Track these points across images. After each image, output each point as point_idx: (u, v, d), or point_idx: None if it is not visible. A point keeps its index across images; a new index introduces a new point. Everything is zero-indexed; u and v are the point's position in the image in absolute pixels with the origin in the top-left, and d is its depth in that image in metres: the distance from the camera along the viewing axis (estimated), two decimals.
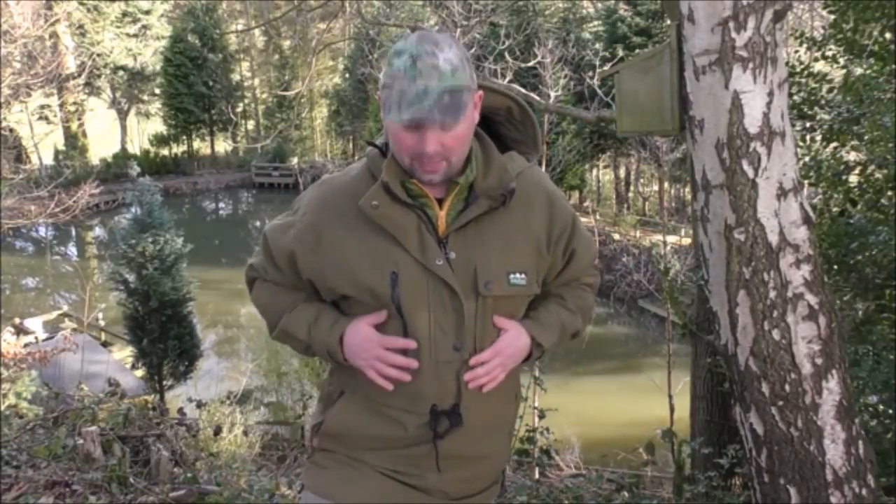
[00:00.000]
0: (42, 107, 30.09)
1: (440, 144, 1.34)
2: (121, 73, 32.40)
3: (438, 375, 1.44)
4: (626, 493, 3.29)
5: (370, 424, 1.50)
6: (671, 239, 18.58)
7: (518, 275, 1.46)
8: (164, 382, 11.38)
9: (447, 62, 1.32)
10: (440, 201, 1.45)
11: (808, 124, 3.54)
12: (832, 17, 3.67)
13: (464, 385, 1.46)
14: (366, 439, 1.51)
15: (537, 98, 8.00)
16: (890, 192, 3.01)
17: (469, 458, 1.52)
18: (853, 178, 3.17)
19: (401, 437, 1.48)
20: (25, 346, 10.08)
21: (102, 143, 34.16)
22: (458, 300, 1.42)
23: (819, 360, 1.88)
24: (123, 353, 12.84)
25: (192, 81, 32.11)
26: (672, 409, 7.04)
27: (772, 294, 1.85)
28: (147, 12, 32.76)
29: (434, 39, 1.35)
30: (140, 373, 11.60)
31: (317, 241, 1.46)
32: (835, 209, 3.17)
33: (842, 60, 3.65)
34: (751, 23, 1.74)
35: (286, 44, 36.01)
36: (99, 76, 31.94)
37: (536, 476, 4.87)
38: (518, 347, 1.49)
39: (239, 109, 36.18)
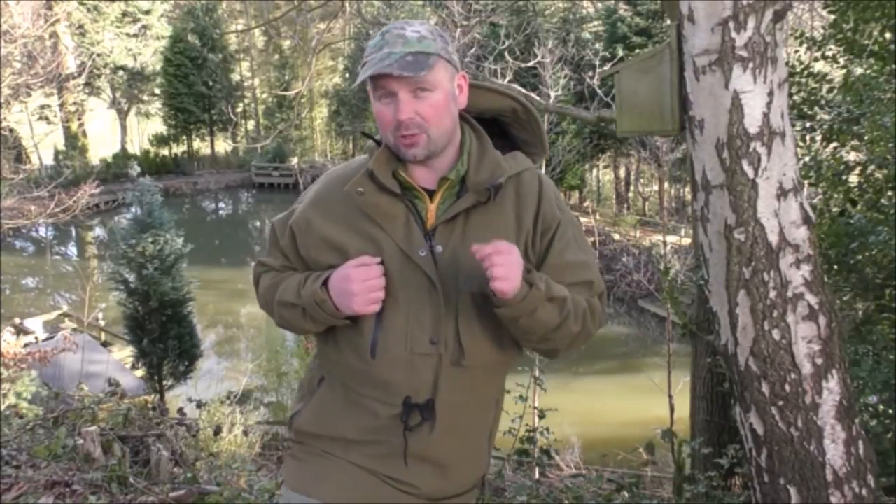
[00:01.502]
0: (42, 107, 30.06)
1: (414, 112, 1.37)
2: (121, 73, 32.38)
3: (413, 367, 1.43)
4: (626, 493, 3.29)
5: (345, 414, 1.50)
6: (671, 239, 18.58)
7: None
8: (164, 382, 11.37)
9: (415, 32, 1.39)
10: (432, 195, 1.46)
11: (808, 124, 3.54)
12: (832, 17, 3.67)
13: (441, 381, 1.44)
14: (340, 430, 1.50)
15: (537, 98, 8.01)
16: (890, 192, 3.02)
17: (439, 458, 1.49)
18: (853, 178, 3.17)
19: (372, 427, 1.47)
20: (25, 346, 10.07)
21: (102, 143, 34.16)
22: (437, 293, 1.42)
23: (819, 360, 1.88)
24: (123, 353, 12.83)
25: (192, 81, 32.10)
26: (672, 409, 7.04)
27: (772, 294, 1.85)
28: (147, 12, 32.75)
29: (407, 20, 1.45)
30: (140, 373, 11.59)
31: (309, 223, 1.49)
32: (835, 209, 3.17)
33: (842, 60, 3.65)
34: (751, 23, 1.74)
35: (286, 44, 35.98)
36: (99, 76, 31.91)
37: (536, 476, 4.87)
38: (518, 259, 1.33)
39: (239, 109, 36.17)
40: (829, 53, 3.72)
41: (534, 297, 1.36)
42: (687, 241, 18.39)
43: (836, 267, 2.99)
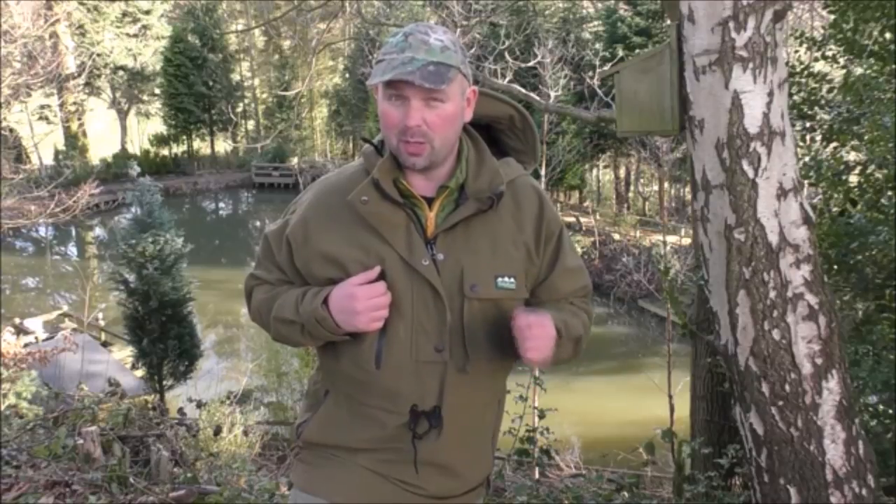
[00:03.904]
0: (42, 107, 30.06)
1: (423, 120, 1.36)
2: (121, 73, 32.39)
3: (419, 375, 1.44)
4: (626, 493, 3.29)
5: (352, 425, 1.50)
6: (671, 239, 18.60)
7: (506, 278, 1.46)
8: (164, 382, 11.35)
9: (438, 41, 1.37)
10: (431, 203, 1.45)
11: (808, 124, 3.54)
12: (832, 17, 3.68)
13: (447, 387, 1.45)
14: (348, 441, 1.51)
15: (537, 98, 8.01)
16: (890, 192, 3.01)
17: (448, 462, 1.50)
18: (853, 178, 3.17)
19: (380, 437, 1.48)
20: (25, 346, 10.06)
21: (102, 143, 34.15)
22: (442, 302, 1.42)
23: (819, 360, 1.88)
24: (123, 353, 12.82)
25: (192, 81, 32.09)
26: (672, 409, 7.05)
27: (772, 294, 1.85)
28: (147, 12, 32.75)
29: (430, 25, 1.42)
30: (140, 373, 11.58)
31: (306, 235, 1.47)
32: (835, 209, 3.17)
33: (842, 60, 3.66)
34: (751, 23, 1.74)
35: (286, 44, 36.01)
36: (99, 76, 31.92)
37: (536, 476, 4.87)
38: (551, 331, 1.40)
39: (239, 109, 36.14)
40: (829, 53, 3.72)
41: (557, 348, 1.43)
42: (687, 241, 18.39)
43: (836, 267, 2.99)
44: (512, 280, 1.46)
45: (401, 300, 1.42)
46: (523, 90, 7.99)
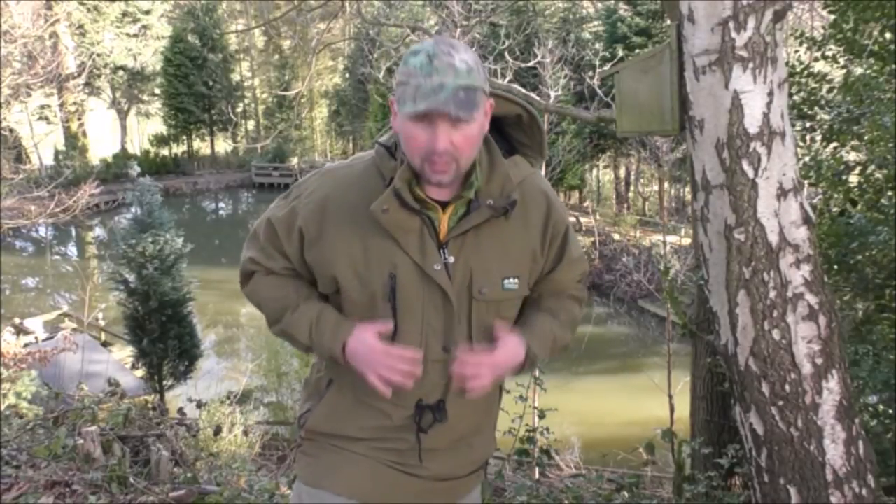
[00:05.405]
0: (42, 107, 30.09)
1: (450, 143, 1.35)
2: (121, 73, 32.41)
3: (426, 373, 1.47)
4: (626, 493, 3.29)
5: (356, 414, 1.54)
6: (671, 239, 18.59)
7: (512, 280, 1.50)
8: (164, 382, 11.36)
9: (463, 62, 1.34)
10: (443, 205, 1.47)
11: (808, 124, 3.54)
12: (832, 17, 3.68)
13: (453, 384, 1.48)
14: (352, 430, 1.54)
15: (537, 98, 8.00)
16: (890, 192, 3.01)
17: (451, 450, 1.56)
18: (853, 178, 3.17)
19: (386, 427, 1.52)
20: (25, 346, 10.06)
21: (102, 143, 34.18)
22: (451, 304, 1.45)
23: (819, 360, 1.88)
24: (123, 353, 12.82)
25: (192, 81, 32.11)
26: (672, 409, 7.05)
27: (772, 294, 1.85)
28: (147, 12, 32.77)
29: (450, 42, 1.38)
30: (140, 373, 11.58)
31: (319, 231, 1.48)
32: (835, 209, 3.17)
33: (842, 60, 3.66)
34: (751, 23, 1.74)
35: (286, 44, 36.04)
36: (99, 76, 31.94)
37: (536, 476, 4.87)
38: (514, 357, 1.51)
39: (239, 109, 36.16)
40: (829, 53, 3.73)
41: (535, 363, 1.56)
42: (687, 241, 18.39)
43: (836, 267, 2.99)
44: (516, 281, 1.51)
45: (413, 302, 1.45)
46: (523, 90, 7.99)
